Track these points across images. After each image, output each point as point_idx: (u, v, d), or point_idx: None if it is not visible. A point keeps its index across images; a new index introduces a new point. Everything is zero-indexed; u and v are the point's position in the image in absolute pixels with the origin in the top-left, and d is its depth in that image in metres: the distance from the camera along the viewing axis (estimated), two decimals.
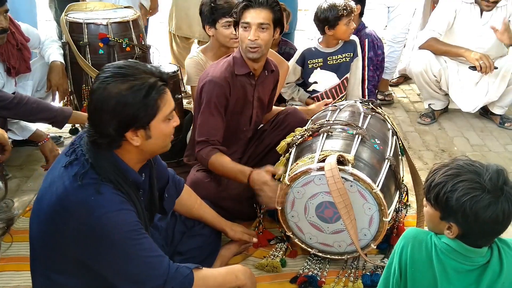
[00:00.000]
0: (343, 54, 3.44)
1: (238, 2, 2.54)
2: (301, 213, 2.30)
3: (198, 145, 2.51)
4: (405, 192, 2.62)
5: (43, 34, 3.35)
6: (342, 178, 2.12)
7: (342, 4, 3.25)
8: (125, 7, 3.59)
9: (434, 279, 1.53)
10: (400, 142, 2.67)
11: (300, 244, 2.37)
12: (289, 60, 3.49)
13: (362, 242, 2.26)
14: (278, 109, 2.98)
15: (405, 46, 4.63)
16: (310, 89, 3.49)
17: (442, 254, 1.53)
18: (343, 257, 2.33)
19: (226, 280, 1.81)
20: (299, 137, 2.43)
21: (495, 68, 3.64)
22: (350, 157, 2.17)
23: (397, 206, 2.41)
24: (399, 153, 2.66)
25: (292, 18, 3.93)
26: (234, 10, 2.55)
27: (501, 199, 1.43)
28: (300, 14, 4.80)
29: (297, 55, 3.44)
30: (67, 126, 3.33)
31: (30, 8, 3.92)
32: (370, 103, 2.75)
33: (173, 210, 2.18)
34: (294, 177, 2.22)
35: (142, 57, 3.36)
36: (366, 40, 3.74)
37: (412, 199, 2.75)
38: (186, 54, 4.07)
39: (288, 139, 2.48)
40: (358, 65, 3.53)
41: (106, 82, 1.58)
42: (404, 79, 4.83)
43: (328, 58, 3.41)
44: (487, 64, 3.57)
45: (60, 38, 3.58)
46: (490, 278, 1.50)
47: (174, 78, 3.09)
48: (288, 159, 2.38)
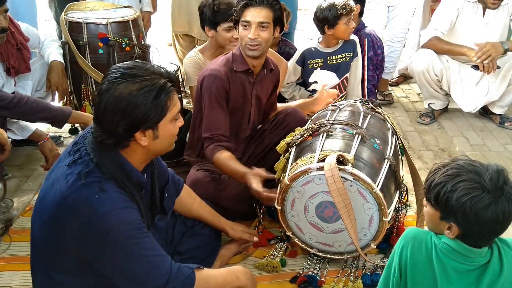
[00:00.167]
0: (343, 54, 3.44)
1: (239, 1, 2.54)
2: (301, 212, 2.29)
3: (205, 142, 2.54)
4: (405, 191, 2.62)
5: (43, 33, 3.35)
6: (342, 177, 2.12)
7: (341, 3, 3.25)
8: (124, 7, 3.59)
9: (434, 279, 1.53)
10: (400, 141, 2.67)
11: (300, 243, 2.37)
12: (289, 59, 3.49)
13: (362, 241, 2.26)
14: (282, 106, 2.98)
15: (404, 45, 4.63)
16: (310, 88, 3.49)
17: (442, 254, 1.53)
18: (343, 256, 2.33)
19: (227, 280, 1.81)
20: (299, 136, 2.43)
21: (498, 67, 3.64)
22: (350, 156, 2.17)
23: (397, 206, 2.41)
24: (399, 152, 2.65)
25: (292, 18, 3.94)
26: (234, 8, 2.55)
27: (501, 199, 1.43)
28: (300, 13, 4.80)
29: (297, 55, 3.44)
30: (67, 126, 3.34)
31: (30, 8, 3.91)
32: (370, 103, 2.75)
33: (173, 210, 2.18)
34: (294, 176, 2.22)
35: (142, 57, 3.36)
36: (366, 39, 3.74)
37: (412, 199, 2.75)
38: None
39: (288, 139, 2.47)
40: (358, 64, 3.53)
41: (116, 82, 1.58)
42: (403, 79, 4.83)
43: (328, 58, 3.41)
44: (490, 63, 3.56)
45: (59, 38, 3.57)
46: (490, 278, 1.50)
47: None
48: (288, 159, 2.38)
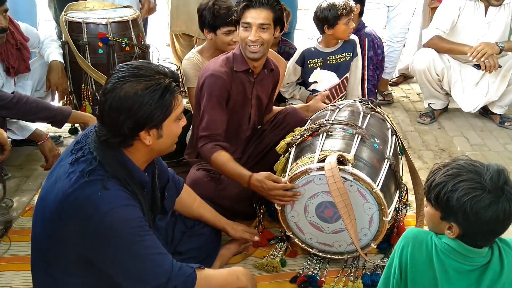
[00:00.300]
0: (343, 54, 3.43)
1: (239, 1, 2.53)
2: (301, 213, 2.29)
3: (201, 140, 2.48)
4: (405, 191, 2.62)
5: (43, 33, 3.35)
6: (342, 177, 2.11)
7: (341, 3, 3.25)
8: (124, 7, 3.59)
9: (435, 279, 1.53)
10: (399, 141, 2.67)
11: (300, 244, 2.37)
12: (288, 59, 3.49)
13: (362, 241, 2.26)
14: (277, 109, 2.97)
15: (405, 45, 4.63)
16: (310, 88, 3.49)
17: (442, 254, 1.53)
18: (343, 256, 2.33)
19: (228, 281, 1.82)
20: (299, 137, 2.43)
21: (500, 66, 3.63)
22: (350, 156, 2.17)
23: (397, 206, 2.41)
24: (399, 152, 2.65)
25: (291, 18, 3.93)
26: (234, 8, 2.55)
27: (501, 199, 1.42)
28: (299, 13, 4.80)
29: (296, 55, 3.44)
30: (67, 126, 3.34)
31: (30, 8, 3.90)
32: (369, 103, 2.75)
33: (173, 210, 2.18)
34: (294, 177, 2.22)
35: (142, 56, 3.35)
36: (366, 39, 3.74)
37: (412, 199, 2.75)
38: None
39: (287, 139, 2.47)
40: (357, 64, 3.52)
41: (122, 82, 1.59)
42: (403, 79, 4.83)
43: (327, 58, 3.41)
44: (492, 62, 3.56)
45: (59, 38, 3.57)
46: (490, 278, 1.50)
47: None
48: (287, 159, 2.38)
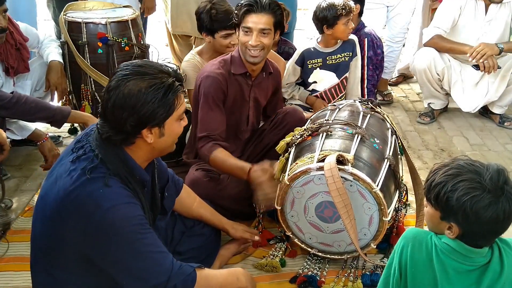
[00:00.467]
0: (342, 54, 3.43)
1: (240, 5, 2.51)
2: (300, 213, 2.29)
3: (200, 141, 2.48)
4: (404, 191, 2.62)
5: (42, 33, 3.35)
6: (342, 177, 2.11)
7: (341, 3, 3.24)
8: (124, 7, 3.58)
9: (435, 279, 1.53)
10: (399, 141, 2.66)
11: (299, 244, 2.37)
12: (288, 59, 3.49)
13: (362, 241, 2.26)
14: None
15: (404, 45, 4.63)
16: (310, 88, 3.48)
17: (442, 254, 1.53)
18: (343, 256, 2.33)
19: (228, 281, 1.82)
20: (299, 136, 2.43)
21: (499, 67, 3.63)
22: (349, 156, 2.17)
23: (396, 206, 2.41)
24: (399, 152, 2.65)
25: (291, 18, 3.93)
26: (235, 11, 2.54)
27: (501, 199, 1.42)
28: (299, 13, 4.80)
29: (296, 56, 3.43)
30: (66, 126, 3.34)
31: (29, 7, 3.90)
32: (369, 103, 2.74)
33: (172, 210, 2.18)
34: (294, 176, 2.22)
35: (141, 56, 3.35)
36: (366, 39, 3.73)
37: (411, 199, 2.74)
38: (189, 52, 4.02)
39: (287, 139, 2.47)
40: (357, 64, 3.52)
41: (126, 79, 1.61)
42: (403, 78, 4.83)
43: (327, 58, 3.40)
44: (491, 63, 3.56)
45: (58, 38, 3.57)
46: (490, 278, 1.50)
47: None
48: (287, 159, 2.37)
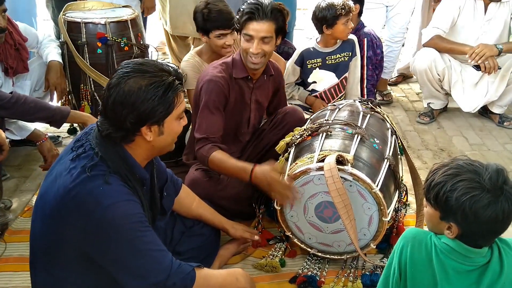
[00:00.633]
0: (342, 54, 3.43)
1: (241, 10, 2.50)
2: (300, 213, 2.29)
3: (198, 143, 2.46)
4: (404, 191, 2.62)
5: (41, 33, 3.35)
6: (341, 178, 2.11)
7: (340, 3, 3.24)
8: (123, 7, 3.58)
9: (434, 280, 1.53)
10: (399, 141, 2.66)
11: (299, 244, 2.37)
12: (288, 59, 3.49)
13: (362, 241, 2.26)
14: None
15: (403, 45, 4.63)
16: (309, 88, 3.48)
17: (442, 254, 1.53)
18: (343, 257, 2.33)
19: (227, 281, 1.82)
20: (298, 136, 2.43)
21: (499, 68, 3.63)
22: (349, 156, 2.17)
23: (396, 206, 2.41)
24: (399, 152, 2.65)
25: (290, 17, 3.92)
26: (237, 17, 2.53)
27: (501, 199, 1.42)
28: (299, 13, 4.80)
29: (295, 56, 3.43)
30: (65, 126, 3.34)
31: (29, 7, 3.90)
32: (369, 103, 2.74)
33: (172, 210, 2.18)
34: (293, 177, 2.22)
35: (141, 56, 3.35)
36: (365, 39, 3.73)
37: (411, 199, 2.74)
38: (187, 52, 4.02)
39: (287, 139, 2.47)
40: (356, 64, 3.52)
41: (126, 77, 1.62)
42: (402, 78, 4.83)
43: (326, 58, 3.40)
44: (491, 64, 3.56)
45: (58, 38, 3.57)
46: (490, 278, 1.50)
47: None
48: (287, 159, 2.37)
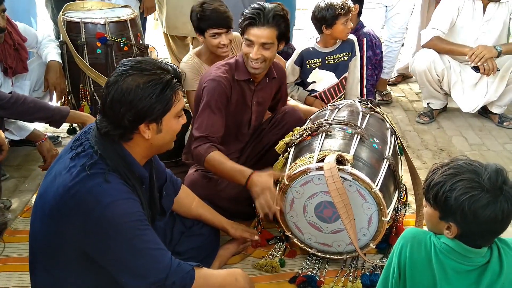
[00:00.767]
0: (341, 54, 3.43)
1: (244, 14, 2.49)
2: (300, 213, 2.29)
3: (196, 141, 2.42)
4: (404, 191, 2.61)
5: (41, 33, 3.34)
6: (341, 177, 2.11)
7: (339, 3, 3.24)
8: (122, 6, 3.58)
9: (434, 280, 1.53)
10: (399, 141, 2.66)
11: (299, 244, 2.37)
12: (287, 59, 3.49)
13: (361, 241, 2.26)
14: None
15: (403, 45, 4.63)
16: (309, 88, 3.48)
17: (441, 254, 1.53)
18: (342, 256, 2.33)
19: (226, 281, 1.82)
20: (298, 136, 2.42)
21: (498, 70, 3.63)
22: (349, 156, 2.17)
23: (396, 206, 2.40)
24: (398, 152, 2.65)
25: (290, 17, 3.91)
26: (240, 21, 2.52)
27: (500, 199, 1.42)
28: (298, 13, 4.80)
29: (295, 56, 3.43)
30: (65, 126, 3.34)
31: (29, 7, 3.90)
32: (369, 103, 2.74)
33: (171, 210, 2.18)
34: (293, 176, 2.22)
35: (140, 56, 3.35)
36: (365, 39, 3.73)
37: (411, 199, 2.74)
38: (186, 52, 4.01)
39: (287, 139, 2.47)
40: (356, 64, 3.52)
41: (125, 74, 1.63)
42: (402, 78, 4.83)
43: (326, 58, 3.40)
44: (490, 66, 3.56)
45: (57, 38, 3.57)
46: (490, 278, 1.50)
47: None
48: (287, 159, 2.37)
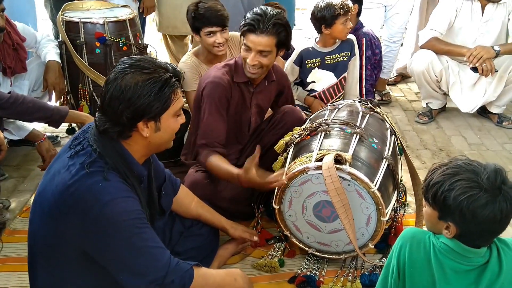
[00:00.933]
0: (341, 53, 3.43)
1: (244, 19, 2.47)
2: (298, 212, 2.29)
3: (199, 148, 2.49)
4: (403, 191, 2.61)
5: (40, 33, 3.34)
6: (340, 177, 2.11)
7: (339, 3, 3.24)
8: (121, 6, 3.58)
9: (433, 279, 1.53)
10: (399, 141, 2.66)
11: (298, 243, 2.37)
12: (286, 59, 3.49)
13: (360, 241, 2.26)
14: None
15: (402, 45, 4.63)
16: (308, 88, 3.48)
17: (440, 254, 1.52)
18: (341, 256, 2.33)
19: (225, 281, 1.82)
20: (297, 136, 2.42)
21: (496, 71, 3.63)
22: (347, 156, 2.17)
23: (395, 206, 2.40)
24: (398, 153, 2.65)
25: (289, 17, 3.92)
26: (241, 24, 2.51)
27: (499, 198, 1.42)
28: (297, 13, 4.80)
29: (294, 55, 3.43)
30: (64, 126, 3.34)
31: (28, 7, 3.90)
32: (368, 103, 2.74)
33: (171, 210, 2.18)
34: (292, 176, 2.22)
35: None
36: (364, 39, 3.72)
37: (410, 199, 2.74)
38: (184, 52, 4.01)
39: (286, 138, 2.47)
40: (355, 64, 3.52)
41: (124, 72, 1.64)
42: (401, 78, 4.83)
43: (325, 58, 3.40)
44: (489, 67, 3.56)
45: (56, 38, 3.57)
46: (489, 278, 1.50)
47: None
48: (286, 158, 2.37)
